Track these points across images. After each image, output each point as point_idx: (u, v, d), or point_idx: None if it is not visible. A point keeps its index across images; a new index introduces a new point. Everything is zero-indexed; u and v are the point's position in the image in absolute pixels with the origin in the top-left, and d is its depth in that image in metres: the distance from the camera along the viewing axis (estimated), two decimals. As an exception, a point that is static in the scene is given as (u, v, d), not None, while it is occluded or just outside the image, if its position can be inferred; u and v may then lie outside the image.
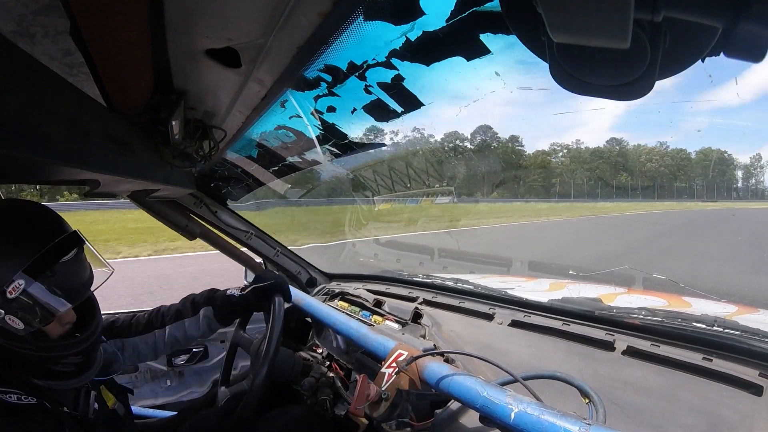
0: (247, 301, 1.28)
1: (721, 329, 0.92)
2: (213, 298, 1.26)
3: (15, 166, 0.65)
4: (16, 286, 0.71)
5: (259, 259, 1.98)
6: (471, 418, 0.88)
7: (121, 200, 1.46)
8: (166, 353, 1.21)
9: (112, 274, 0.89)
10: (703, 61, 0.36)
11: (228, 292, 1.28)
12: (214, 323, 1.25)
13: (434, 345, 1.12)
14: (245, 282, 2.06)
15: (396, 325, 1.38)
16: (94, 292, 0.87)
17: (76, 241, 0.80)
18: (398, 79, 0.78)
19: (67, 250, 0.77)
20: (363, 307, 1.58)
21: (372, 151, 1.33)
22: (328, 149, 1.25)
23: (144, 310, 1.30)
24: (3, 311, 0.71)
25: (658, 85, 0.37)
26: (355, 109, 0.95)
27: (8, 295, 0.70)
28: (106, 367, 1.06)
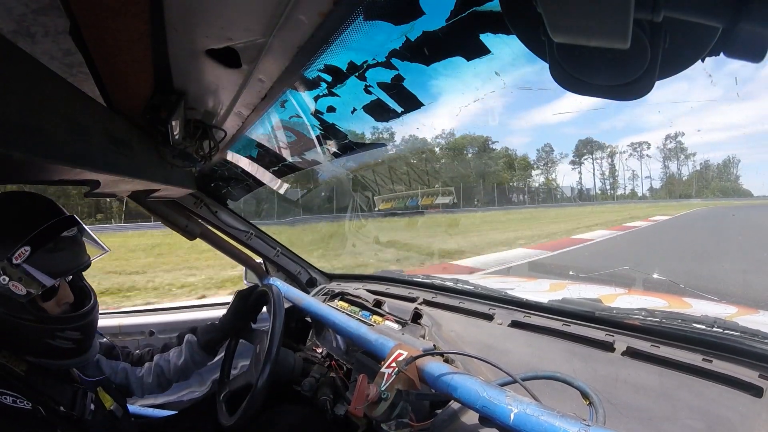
0: (227, 320, 1.30)
1: (721, 330, 0.91)
2: (195, 327, 1.31)
3: (15, 166, 0.65)
4: (22, 252, 0.78)
5: (259, 259, 1.98)
6: (470, 419, 0.88)
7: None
8: (152, 388, 1.21)
9: (106, 252, 1.00)
10: (703, 61, 0.36)
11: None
12: (197, 352, 1.25)
13: (434, 345, 1.12)
14: (245, 282, 2.07)
15: (396, 325, 1.38)
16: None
17: (74, 222, 0.89)
18: (398, 79, 0.78)
19: (69, 225, 0.87)
20: (363, 307, 1.58)
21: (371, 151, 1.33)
22: (328, 149, 1.25)
23: (147, 310, 1.32)
24: (7, 277, 0.77)
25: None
26: (355, 109, 0.95)
27: (14, 261, 0.77)
28: (100, 373, 1.08)
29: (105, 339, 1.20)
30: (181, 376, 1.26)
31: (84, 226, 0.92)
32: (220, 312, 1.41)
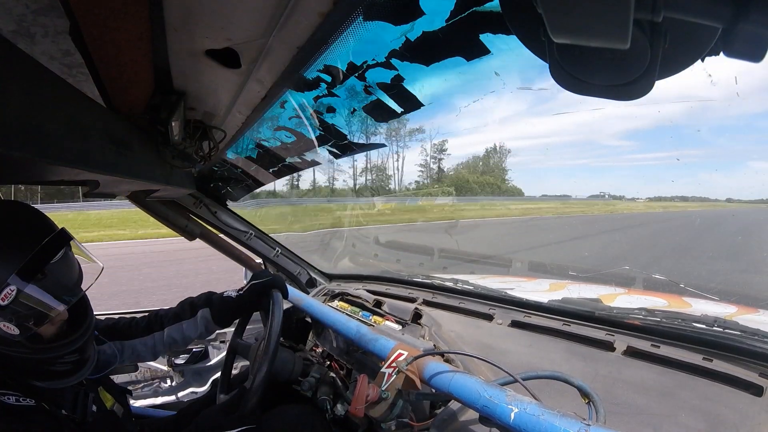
0: (243, 301, 1.28)
1: (721, 330, 0.92)
2: (210, 300, 1.27)
3: (14, 167, 0.65)
4: (8, 293, 0.71)
5: (259, 260, 1.98)
6: (470, 419, 0.88)
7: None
8: (164, 354, 1.23)
9: (102, 270, 0.89)
10: (702, 61, 0.36)
11: (225, 293, 1.29)
12: (211, 325, 1.25)
13: (434, 345, 1.12)
14: (245, 282, 2.07)
15: (396, 326, 1.38)
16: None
17: (63, 239, 0.79)
18: (398, 79, 0.78)
19: (56, 250, 0.77)
20: (363, 307, 1.58)
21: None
22: (328, 150, 1.25)
23: (144, 311, 1.32)
24: None
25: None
26: (354, 110, 0.95)
27: (1, 302, 0.70)
28: (103, 366, 1.07)
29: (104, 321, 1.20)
30: (192, 342, 1.28)
31: (72, 237, 0.84)
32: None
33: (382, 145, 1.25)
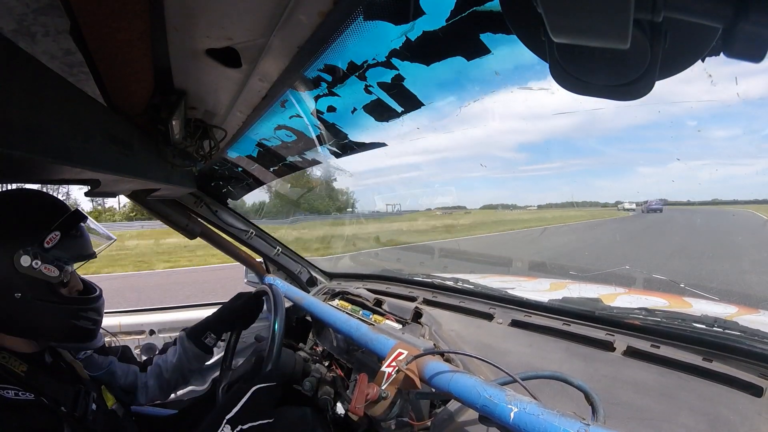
0: (221, 316, 1.31)
1: (721, 330, 0.91)
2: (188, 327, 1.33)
3: (15, 166, 0.65)
4: (53, 237, 0.87)
5: (259, 258, 1.98)
6: (470, 418, 0.88)
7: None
8: (154, 391, 1.24)
9: (113, 241, 1.17)
10: (703, 61, 0.36)
11: None
12: (188, 348, 1.26)
13: (434, 344, 1.12)
14: (245, 281, 2.07)
15: (396, 325, 1.38)
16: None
17: (83, 215, 0.97)
18: (398, 78, 0.78)
19: (84, 218, 0.96)
20: (363, 306, 1.58)
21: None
22: (328, 149, 1.25)
23: (155, 308, 1.33)
24: (39, 261, 0.84)
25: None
26: (355, 109, 0.95)
27: (46, 245, 0.85)
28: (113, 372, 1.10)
29: (119, 343, 1.25)
30: (178, 375, 1.27)
31: (87, 216, 1.00)
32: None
33: (383, 145, 1.25)
